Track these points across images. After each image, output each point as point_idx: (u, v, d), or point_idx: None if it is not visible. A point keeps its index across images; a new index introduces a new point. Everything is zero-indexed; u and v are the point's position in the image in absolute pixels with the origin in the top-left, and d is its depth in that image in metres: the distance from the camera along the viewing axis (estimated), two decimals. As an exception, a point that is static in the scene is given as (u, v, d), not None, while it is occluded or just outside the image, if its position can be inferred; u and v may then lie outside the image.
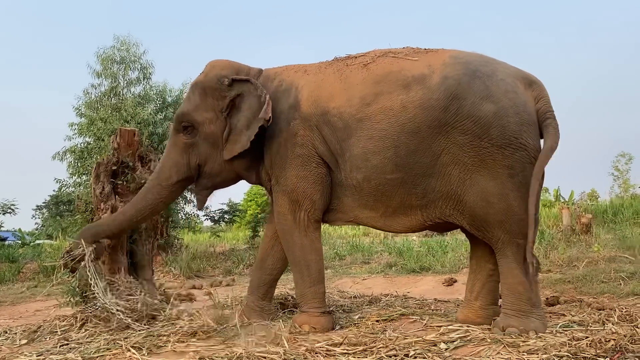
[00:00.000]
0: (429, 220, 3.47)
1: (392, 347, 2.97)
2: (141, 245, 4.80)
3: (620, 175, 21.15)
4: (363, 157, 3.44)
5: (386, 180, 3.41)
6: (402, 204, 3.46)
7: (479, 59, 3.48)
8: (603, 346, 2.66)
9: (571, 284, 5.40)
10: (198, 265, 9.33)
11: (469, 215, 3.32)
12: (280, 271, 4.11)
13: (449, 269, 7.59)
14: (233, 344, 3.22)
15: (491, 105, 3.24)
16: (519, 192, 3.24)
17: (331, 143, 3.56)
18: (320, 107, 3.58)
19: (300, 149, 3.63)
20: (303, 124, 3.62)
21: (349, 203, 3.63)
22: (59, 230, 14.21)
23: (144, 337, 3.47)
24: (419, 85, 3.36)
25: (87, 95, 11.74)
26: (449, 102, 3.27)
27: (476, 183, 3.26)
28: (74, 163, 11.49)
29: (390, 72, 3.48)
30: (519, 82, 3.40)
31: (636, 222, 10.45)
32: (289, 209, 3.71)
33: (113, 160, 4.78)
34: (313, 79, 3.73)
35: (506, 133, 3.21)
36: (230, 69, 3.88)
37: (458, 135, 3.26)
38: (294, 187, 3.65)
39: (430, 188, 3.36)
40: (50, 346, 3.48)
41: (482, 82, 3.30)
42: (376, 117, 3.40)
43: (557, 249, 7.52)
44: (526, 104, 3.34)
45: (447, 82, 3.31)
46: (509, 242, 3.28)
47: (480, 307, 3.63)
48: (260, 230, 13.14)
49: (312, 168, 3.62)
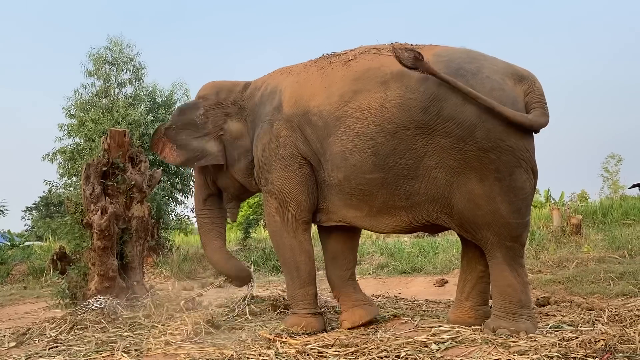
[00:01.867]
0: (415, 222, 3.42)
1: (383, 348, 2.97)
2: (131, 246, 4.78)
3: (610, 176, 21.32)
4: (342, 156, 3.40)
5: (366, 179, 3.36)
6: (386, 204, 3.40)
7: (464, 55, 3.33)
8: (593, 346, 2.67)
9: (561, 285, 5.43)
10: (189, 267, 9.30)
11: (457, 217, 3.27)
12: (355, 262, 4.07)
13: (440, 270, 7.61)
14: (224, 346, 3.21)
15: (474, 106, 3.09)
16: (507, 196, 3.16)
17: (313, 142, 3.55)
18: (302, 107, 3.58)
19: (283, 150, 3.64)
20: (285, 125, 3.64)
21: (335, 202, 3.61)
22: (48, 231, 14.10)
23: (135, 339, 3.46)
24: (397, 83, 3.25)
25: (78, 95, 11.66)
26: (428, 103, 3.15)
27: (463, 185, 3.18)
28: (64, 164, 11.40)
29: (369, 69, 3.42)
30: (507, 79, 3.23)
31: (625, 223, 10.53)
32: (277, 210, 3.73)
33: (103, 161, 4.77)
34: (296, 79, 3.75)
35: (492, 135, 3.08)
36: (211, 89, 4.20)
37: (441, 138, 3.13)
38: (280, 189, 3.67)
39: (414, 190, 3.28)
40: (39, 349, 3.46)
41: (466, 81, 3.13)
42: (354, 115, 3.35)
43: (548, 250, 7.55)
44: (515, 100, 3.17)
45: (427, 81, 3.17)
46: (497, 244, 3.25)
47: (470, 307, 3.63)
48: (252, 231, 13.14)
49: (296, 169, 3.62)
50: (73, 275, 4.65)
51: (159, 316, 4.01)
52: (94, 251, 4.46)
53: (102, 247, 4.41)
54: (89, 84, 11.68)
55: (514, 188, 3.17)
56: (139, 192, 4.89)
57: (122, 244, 4.73)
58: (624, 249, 6.90)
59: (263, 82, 4.03)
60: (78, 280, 4.59)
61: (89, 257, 4.50)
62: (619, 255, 6.62)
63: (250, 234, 12.72)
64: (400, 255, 8.94)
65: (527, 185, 3.22)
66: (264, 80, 4.04)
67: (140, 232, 4.87)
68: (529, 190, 3.26)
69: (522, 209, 3.24)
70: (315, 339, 3.30)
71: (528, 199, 3.29)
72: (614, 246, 7.36)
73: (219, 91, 4.13)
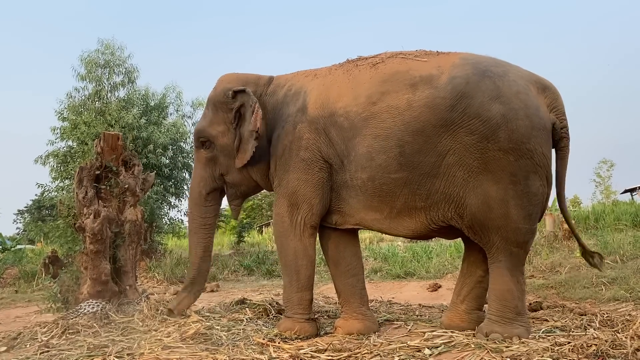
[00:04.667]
0: (432, 224, 3.42)
1: (376, 353, 2.98)
2: (124, 250, 4.76)
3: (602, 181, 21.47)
4: (368, 157, 3.41)
5: (390, 179, 3.37)
6: (407, 205, 3.40)
7: (490, 60, 3.42)
8: (585, 351, 2.69)
9: (554, 290, 5.47)
10: (182, 271, 9.24)
11: (468, 218, 3.28)
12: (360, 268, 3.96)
13: (433, 275, 7.63)
14: (217, 350, 3.20)
15: (501, 105, 3.16)
16: (520, 201, 3.20)
17: (337, 144, 3.54)
18: (328, 109, 3.59)
19: (304, 153, 3.63)
20: (309, 127, 3.63)
21: (354, 205, 3.59)
22: (40, 235, 14.01)
23: (127, 344, 3.44)
24: (426, 85, 3.31)
25: (71, 98, 11.62)
26: (456, 101, 3.20)
27: (479, 186, 3.21)
28: (57, 167, 11.35)
29: (397, 72, 3.46)
30: (531, 86, 3.32)
31: (617, 228, 10.58)
32: (287, 211, 3.70)
33: (96, 164, 4.75)
34: (322, 82, 3.75)
35: (514, 136, 3.13)
36: (236, 82, 3.99)
37: (465, 136, 3.18)
38: (294, 190, 3.65)
39: (434, 189, 3.30)
40: (30, 353, 3.43)
41: (492, 82, 3.22)
42: (381, 115, 3.37)
43: (540, 255, 7.60)
44: (538, 107, 3.25)
45: (455, 81, 3.24)
46: (503, 249, 3.27)
47: (465, 311, 3.64)
48: (246, 235, 13.12)
49: (315, 172, 3.61)
50: (65, 279, 4.62)
51: (152, 320, 3.99)
52: (86, 255, 4.43)
53: (95, 251, 4.39)
54: (82, 87, 11.65)
55: (528, 193, 3.21)
56: (132, 196, 4.86)
57: (115, 247, 4.70)
58: (615, 254, 6.94)
59: (287, 82, 3.97)
60: (70, 284, 4.55)
61: (82, 260, 4.47)
62: (611, 261, 6.65)
63: (243, 238, 12.68)
64: (393, 259, 8.95)
65: (540, 192, 3.27)
66: (287, 79, 3.99)
67: (133, 235, 4.84)
68: (542, 197, 3.30)
69: (533, 215, 3.28)
70: (308, 344, 3.29)
71: (540, 205, 3.32)
72: (606, 251, 7.38)
73: (246, 84, 3.95)
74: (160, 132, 11.29)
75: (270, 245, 13.17)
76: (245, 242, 12.74)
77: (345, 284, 3.84)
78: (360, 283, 3.88)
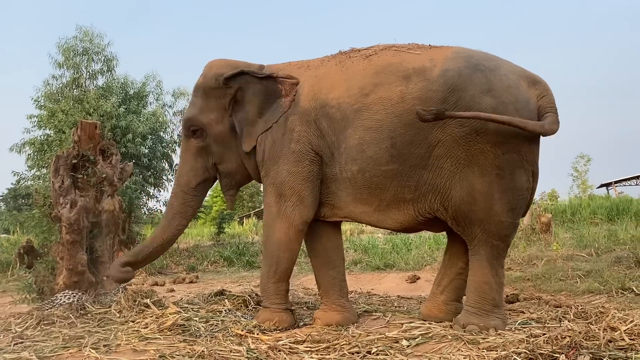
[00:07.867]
0: (420, 216, 3.43)
1: (355, 344, 2.98)
2: (101, 241, 4.70)
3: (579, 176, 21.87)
4: (359, 148, 3.40)
5: (381, 171, 3.37)
6: (396, 197, 3.41)
7: (482, 54, 3.46)
8: (559, 343, 2.72)
9: (530, 282, 5.54)
10: (161, 262, 9.18)
11: (453, 209, 3.30)
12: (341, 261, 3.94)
13: (412, 267, 7.69)
14: (195, 341, 3.19)
15: (491, 99, 3.19)
16: (504, 194, 3.23)
17: (328, 136, 3.53)
18: (320, 100, 3.56)
19: (295, 145, 3.59)
20: (300, 120, 3.60)
21: (343, 198, 3.59)
22: (16, 224, 13.77)
23: (104, 335, 3.40)
24: (418, 77, 3.32)
25: (48, 86, 11.41)
26: (447, 94, 3.23)
27: (465, 178, 3.24)
28: (33, 155, 11.17)
29: (390, 64, 3.45)
30: (522, 80, 3.35)
31: (593, 222, 10.78)
32: (275, 201, 3.67)
33: (73, 153, 4.67)
34: (314, 73, 3.72)
35: (503, 130, 3.15)
36: (226, 67, 3.87)
37: (455, 128, 3.20)
38: (283, 181, 3.61)
39: (422, 180, 3.32)
40: (4, 344, 3.36)
41: (484, 75, 3.25)
42: (374, 107, 3.37)
43: (518, 248, 7.70)
44: (528, 101, 3.28)
45: (448, 73, 3.27)
46: (485, 241, 3.30)
47: (444, 301, 3.68)
48: (226, 227, 13.05)
49: (305, 165, 3.58)
50: (40, 269, 4.55)
51: (129, 311, 3.95)
52: (62, 245, 4.37)
53: (71, 241, 4.33)
54: (59, 75, 11.45)
55: (513, 188, 3.24)
56: (109, 186, 4.80)
57: (92, 238, 4.65)
58: (591, 248, 7.08)
59: (278, 72, 3.84)
60: (46, 274, 4.49)
61: (57, 251, 4.40)
62: (586, 254, 6.78)
63: (223, 229, 12.62)
64: (373, 251, 9.00)
65: (525, 187, 3.31)
66: (279, 69, 3.87)
67: (110, 226, 4.78)
68: (527, 192, 3.34)
69: (516, 209, 3.32)
70: (287, 335, 3.29)
71: (525, 200, 3.36)
72: (582, 244, 7.54)
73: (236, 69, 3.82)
74: (140, 121, 11.16)
75: (250, 236, 13.13)
76: (226, 234, 12.67)
77: (326, 275, 3.84)
78: (341, 275, 3.88)
